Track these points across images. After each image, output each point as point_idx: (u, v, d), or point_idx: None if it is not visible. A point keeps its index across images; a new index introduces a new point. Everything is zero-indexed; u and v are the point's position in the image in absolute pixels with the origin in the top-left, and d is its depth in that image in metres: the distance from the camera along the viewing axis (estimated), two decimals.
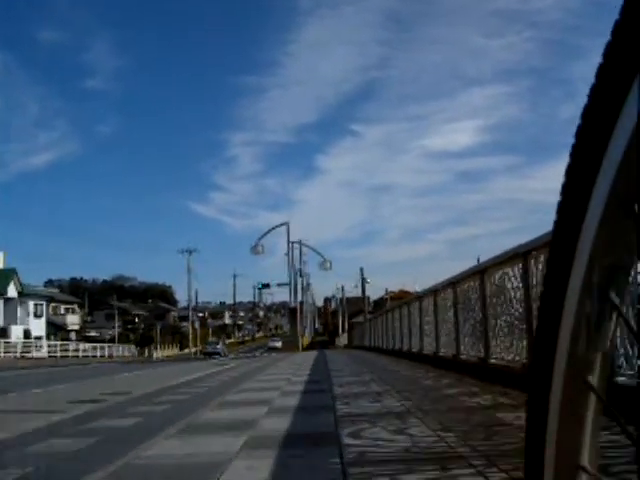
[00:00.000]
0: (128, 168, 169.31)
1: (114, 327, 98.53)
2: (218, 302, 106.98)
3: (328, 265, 41.22)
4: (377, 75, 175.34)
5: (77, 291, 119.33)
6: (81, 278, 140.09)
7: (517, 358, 7.58)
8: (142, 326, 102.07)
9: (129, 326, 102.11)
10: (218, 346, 61.04)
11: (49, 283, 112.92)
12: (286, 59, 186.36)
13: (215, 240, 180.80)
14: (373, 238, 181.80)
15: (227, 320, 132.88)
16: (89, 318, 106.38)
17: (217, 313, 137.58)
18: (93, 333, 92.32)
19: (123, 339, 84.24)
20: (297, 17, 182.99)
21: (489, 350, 8.87)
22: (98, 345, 66.23)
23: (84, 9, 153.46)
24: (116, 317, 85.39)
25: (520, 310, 7.35)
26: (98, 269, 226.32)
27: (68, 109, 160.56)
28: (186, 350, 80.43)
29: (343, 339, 58.62)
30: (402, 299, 38.86)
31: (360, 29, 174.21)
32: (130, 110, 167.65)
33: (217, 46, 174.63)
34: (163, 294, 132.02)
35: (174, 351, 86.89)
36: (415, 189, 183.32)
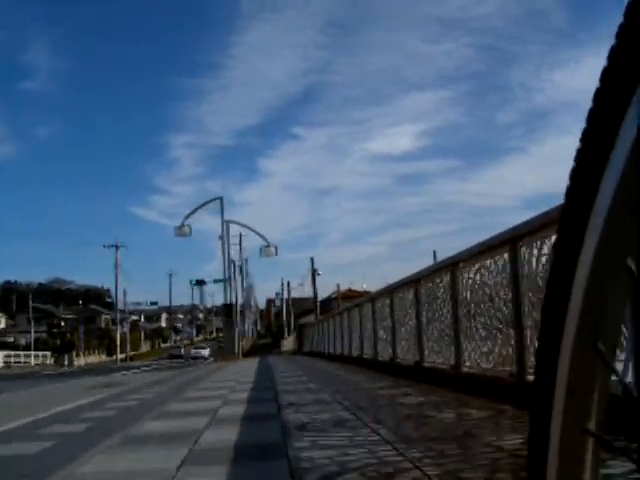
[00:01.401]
0: (66, 172, 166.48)
1: (36, 332, 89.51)
2: (152, 304, 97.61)
3: (273, 250, 33.79)
4: (320, 79, 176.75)
5: (9, 295, 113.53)
6: (15, 281, 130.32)
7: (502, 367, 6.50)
8: (68, 330, 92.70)
9: (54, 330, 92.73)
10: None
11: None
12: (229, 61, 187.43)
13: (156, 243, 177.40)
14: (316, 240, 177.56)
15: (164, 323, 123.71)
16: (11, 322, 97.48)
17: (153, 316, 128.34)
18: (12, 339, 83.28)
19: (46, 344, 74.63)
20: (240, 20, 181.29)
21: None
22: (11, 353, 57.13)
23: (21, 8, 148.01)
24: (32, 321, 75.73)
25: (504, 310, 6.42)
26: (35, 273, 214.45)
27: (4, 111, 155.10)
28: (114, 356, 71.33)
29: (289, 342, 50.81)
30: (351, 298, 32.64)
31: (302, 33, 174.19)
32: (68, 112, 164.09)
33: (159, 48, 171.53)
34: (100, 297, 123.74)
35: (101, 357, 77.91)
36: (358, 192, 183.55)
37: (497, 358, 6.68)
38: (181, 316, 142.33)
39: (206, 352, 60.44)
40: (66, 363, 67.06)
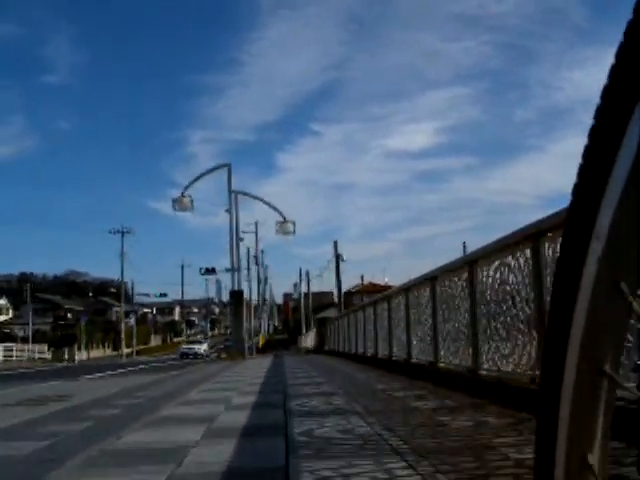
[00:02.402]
0: (84, 165, 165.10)
1: (41, 323, 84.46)
2: (162, 295, 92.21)
3: (290, 227, 27.80)
4: (338, 75, 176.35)
5: (25, 286, 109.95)
6: (31, 273, 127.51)
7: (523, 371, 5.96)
8: (76, 323, 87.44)
9: (60, 322, 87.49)
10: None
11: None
12: (248, 58, 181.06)
13: (173, 237, 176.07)
14: (333, 236, 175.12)
15: (177, 317, 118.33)
16: (17, 313, 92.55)
17: (166, 309, 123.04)
18: (16, 330, 78.09)
19: (45, 337, 69.13)
20: (259, 17, 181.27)
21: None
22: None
23: (42, 3, 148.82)
24: (31, 311, 70.06)
25: (526, 309, 5.91)
26: (51, 266, 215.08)
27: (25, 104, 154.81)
28: (122, 350, 65.64)
29: (307, 339, 44.55)
30: (373, 292, 30.05)
31: (321, 30, 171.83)
32: (87, 107, 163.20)
33: (178, 44, 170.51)
34: (115, 290, 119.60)
35: (105, 352, 72.36)
36: (375, 188, 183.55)
37: (517, 361, 6.03)
38: (196, 310, 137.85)
39: (202, 348, 50.09)
40: (66, 357, 61.54)
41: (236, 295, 27.74)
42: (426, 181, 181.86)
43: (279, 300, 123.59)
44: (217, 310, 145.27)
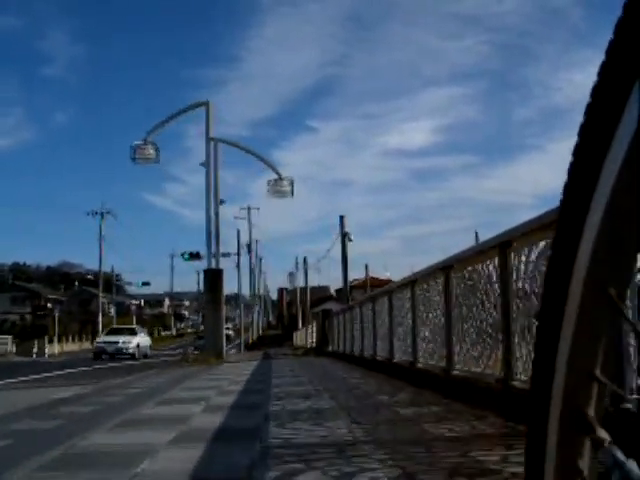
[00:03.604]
0: (82, 157, 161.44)
1: (18, 313, 77.55)
2: (145, 284, 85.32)
3: (287, 187, 20.72)
4: (336, 72, 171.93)
5: (20, 276, 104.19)
6: (24, 263, 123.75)
7: None
8: (56, 313, 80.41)
9: (39, 312, 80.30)
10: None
11: None
12: (246, 54, 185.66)
13: (169, 230, 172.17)
14: (330, 233, 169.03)
15: (166, 309, 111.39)
16: None
17: (157, 302, 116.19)
18: None
19: (14, 328, 61.89)
20: (259, 13, 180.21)
21: None
22: None
23: None
24: None
25: None
26: (45, 257, 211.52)
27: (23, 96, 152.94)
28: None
29: (304, 335, 37.40)
30: (375, 287, 26.11)
31: (320, 26, 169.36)
32: (85, 99, 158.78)
33: (176, 39, 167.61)
34: (108, 281, 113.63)
35: (82, 345, 65.04)
36: (372, 186, 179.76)
37: None
38: (187, 303, 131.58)
39: (133, 342, 31.30)
40: (35, 351, 54.30)
41: (212, 275, 20.52)
42: (424, 180, 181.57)
43: (274, 296, 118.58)
44: None
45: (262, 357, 22.37)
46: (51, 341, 57.81)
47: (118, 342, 30.92)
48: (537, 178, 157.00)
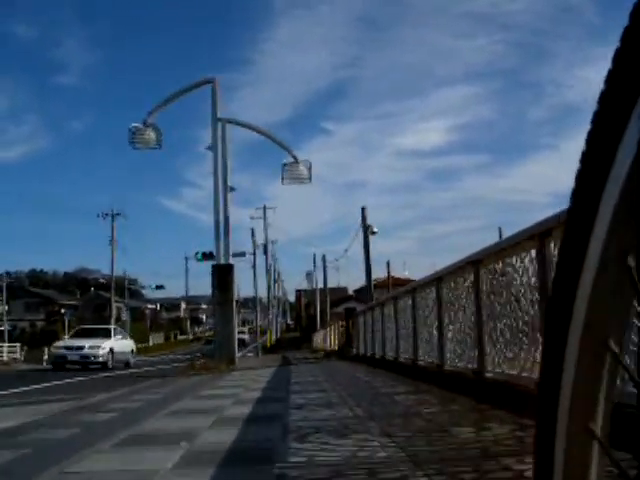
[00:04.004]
0: (97, 164, 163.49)
1: (34, 320, 75.85)
2: (159, 287, 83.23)
3: (303, 170, 18.20)
4: (350, 74, 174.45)
5: (37, 283, 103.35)
6: (41, 270, 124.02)
7: None
8: (67, 318, 78.68)
9: (54, 318, 78.49)
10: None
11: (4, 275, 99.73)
12: (259, 57, 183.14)
13: (187, 235, 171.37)
14: (346, 234, 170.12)
15: (183, 313, 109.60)
16: (6, 308, 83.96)
17: (173, 306, 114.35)
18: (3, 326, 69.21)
19: (23, 335, 59.99)
20: (271, 16, 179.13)
21: None
22: None
23: (56, 4, 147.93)
24: (5, 306, 60.92)
25: None
26: (63, 263, 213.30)
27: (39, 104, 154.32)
28: None
29: (324, 337, 34.99)
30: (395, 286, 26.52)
31: (333, 28, 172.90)
32: (100, 106, 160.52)
33: (190, 43, 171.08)
34: (123, 286, 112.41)
35: None
36: (387, 187, 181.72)
37: None
38: (204, 306, 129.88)
39: (104, 350, 23.45)
40: (45, 358, 52.27)
41: (221, 272, 18.06)
42: (438, 180, 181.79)
43: (291, 298, 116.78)
44: None
45: (280, 363, 19.91)
46: None
47: (84, 347, 23.25)
48: (552, 177, 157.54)
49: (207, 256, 43.11)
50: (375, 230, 26.83)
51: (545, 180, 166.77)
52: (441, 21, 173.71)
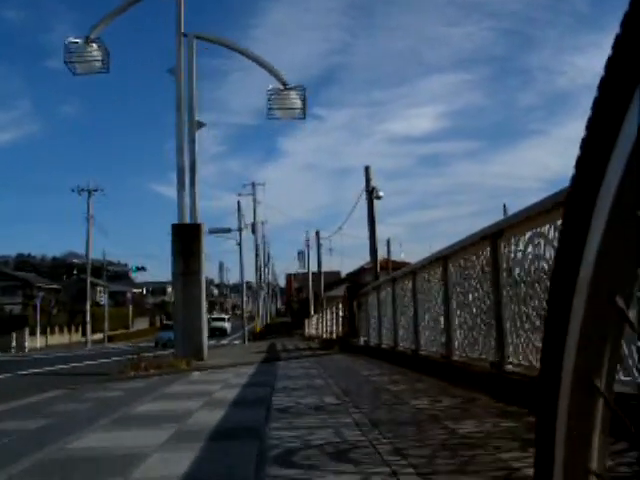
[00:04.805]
0: (87, 150, 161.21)
1: (9, 304, 70.88)
2: (140, 269, 78.35)
3: (296, 100, 13.58)
4: (340, 60, 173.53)
5: (22, 267, 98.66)
6: (29, 254, 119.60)
7: None
8: (38, 302, 74.11)
9: (30, 302, 73.55)
10: None
11: None
12: (249, 43, 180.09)
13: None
14: (337, 220, 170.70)
15: (169, 297, 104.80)
16: None
17: (160, 290, 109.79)
18: None
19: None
20: (261, 2, 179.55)
21: None
22: None
23: None
24: None
25: None
26: (53, 247, 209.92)
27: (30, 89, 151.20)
28: (88, 335, 51.44)
29: (318, 323, 30.43)
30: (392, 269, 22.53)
31: (323, 15, 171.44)
32: (90, 91, 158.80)
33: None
34: (117, 274, 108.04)
35: (72, 337, 58.38)
36: (378, 173, 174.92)
37: None
38: None
39: None
40: (14, 345, 47.55)
41: (184, 233, 13.21)
42: (429, 165, 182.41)
43: (282, 283, 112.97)
44: (216, 292, 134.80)
45: (265, 356, 15.13)
46: (33, 333, 51.03)
47: None
48: (542, 162, 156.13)
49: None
50: (380, 194, 22.01)
51: (536, 165, 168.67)
52: (431, 8, 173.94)
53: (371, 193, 21.71)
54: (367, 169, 22.27)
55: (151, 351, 17.76)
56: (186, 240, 13.19)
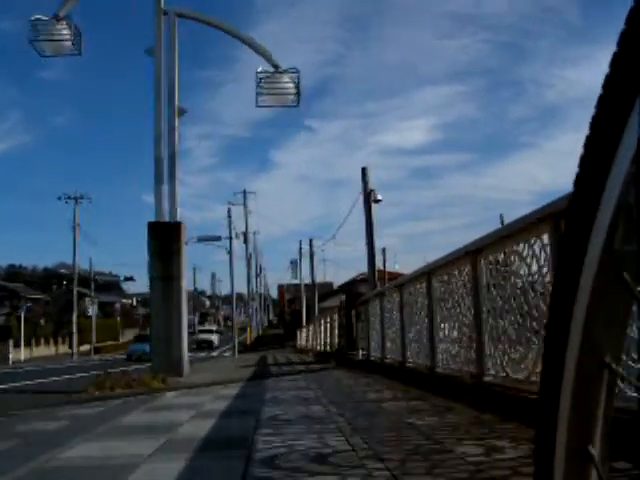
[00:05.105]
0: (79, 160, 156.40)
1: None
2: (128, 279, 76.50)
3: (289, 84, 12.14)
4: (333, 72, 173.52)
5: (15, 279, 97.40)
6: (20, 265, 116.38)
7: None
8: (22, 313, 72.18)
9: (17, 313, 71.49)
10: None
11: None
12: (242, 54, 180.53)
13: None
14: (330, 231, 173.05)
15: None
16: None
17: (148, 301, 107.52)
18: None
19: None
20: (254, 14, 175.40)
21: None
22: None
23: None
24: None
25: None
26: (45, 258, 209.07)
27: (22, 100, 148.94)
28: (74, 347, 49.62)
29: (310, 335, 28.83)
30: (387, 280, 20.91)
31: (317, 27, 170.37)
32: (83, 102, 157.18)
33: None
34: (108, 284, 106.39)
35: (58, 349, 56.53)
36: (370, 185, 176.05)
37: None
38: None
39: None
40: None
41: (162, 232, 11.58)
42: (422, 178, 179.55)
43: (274, 295, 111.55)
44: (207, 303, 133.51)
45: (254, 370, 13.46)
46: (17, 345, 49.14)
47: None
48: (534, 174, 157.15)
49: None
50: (379, 198, 20.46)
51: (527, 178, 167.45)
52: (424, 20, 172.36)
53: (369, 196, 20.14)
54: (364, 170, 20.72)
55: (126, 365, 16.01)
56: (164, 240, 11.57)
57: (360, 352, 14.22)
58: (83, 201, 50.76)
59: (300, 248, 48.40)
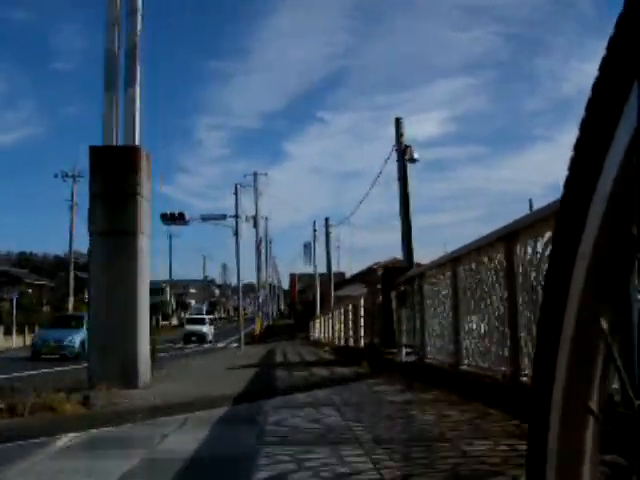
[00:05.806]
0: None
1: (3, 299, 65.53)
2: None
3: None
4: (346, 64, 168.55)
5: (26, 265, 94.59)
6: (30, 252, 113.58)
7: None
8: (44, 301, 69.10)
9: (8, 297, 68.00)
10: None
11: None
12: (255, 45, 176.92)
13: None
14: (340, 224, 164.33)
15: (169, 297, 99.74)
16: None
17: (157, 290, 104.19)
18: None
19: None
20: (267, 4, 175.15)
21: None
22: None
23: None
24: None
25: None
26: (59, 246, 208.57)
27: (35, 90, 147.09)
28: None
29: (328, 327, 24.50)
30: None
31: (329, 18, 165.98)
32: (96, 93, 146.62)
33: (185, 31, 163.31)
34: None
35: None
36: (382, 176, 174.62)
37: None
38: (193, 291, 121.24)
39: None
40: None
41: (108, 161, 7.30)
42: (434, 170, 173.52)
43: (285, 285, 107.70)
44: (217, 292, 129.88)
45: (251, 379, 9.09)
46: (9, 332, 45.35)
47: None
48: (547, 168, 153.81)
49: (174, 217, 32.94)
50: (415, 156, 16.12)
51: (541, 171, 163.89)
52: (437, 12, 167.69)
53: (404, 153, 15.79)
54: (398, 122, 16.37)
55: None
56: (113, 175, 7.28)
57: (404, 351, 9.92)
58: (81, 179, 46.48)
59: (314, 230, 43.93)
